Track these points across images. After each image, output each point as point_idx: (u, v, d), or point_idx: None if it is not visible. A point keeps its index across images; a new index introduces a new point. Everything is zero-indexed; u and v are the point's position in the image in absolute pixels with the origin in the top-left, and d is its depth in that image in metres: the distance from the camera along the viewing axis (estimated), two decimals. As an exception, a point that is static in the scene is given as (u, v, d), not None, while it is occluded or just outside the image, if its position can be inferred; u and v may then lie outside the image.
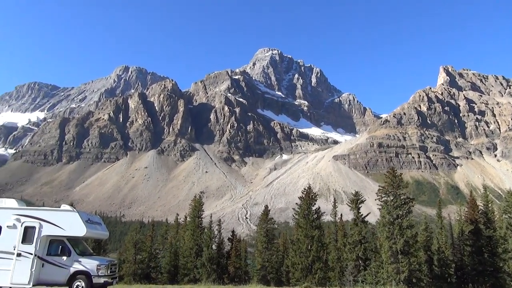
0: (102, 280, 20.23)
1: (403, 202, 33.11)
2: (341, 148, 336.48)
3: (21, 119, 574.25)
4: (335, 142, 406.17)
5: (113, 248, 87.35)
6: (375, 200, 35.33)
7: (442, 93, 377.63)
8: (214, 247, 47.09)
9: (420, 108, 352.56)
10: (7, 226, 20.69)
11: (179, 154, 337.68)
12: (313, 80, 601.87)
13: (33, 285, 19.93)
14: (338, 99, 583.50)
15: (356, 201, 39.25)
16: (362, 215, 38.43)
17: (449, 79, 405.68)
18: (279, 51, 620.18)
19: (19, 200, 23.57)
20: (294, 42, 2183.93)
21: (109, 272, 20.94)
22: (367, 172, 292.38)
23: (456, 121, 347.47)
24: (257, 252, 48.49)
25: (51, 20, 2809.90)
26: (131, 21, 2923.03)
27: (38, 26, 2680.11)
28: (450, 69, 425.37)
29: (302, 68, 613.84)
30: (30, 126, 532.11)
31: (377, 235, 38.78)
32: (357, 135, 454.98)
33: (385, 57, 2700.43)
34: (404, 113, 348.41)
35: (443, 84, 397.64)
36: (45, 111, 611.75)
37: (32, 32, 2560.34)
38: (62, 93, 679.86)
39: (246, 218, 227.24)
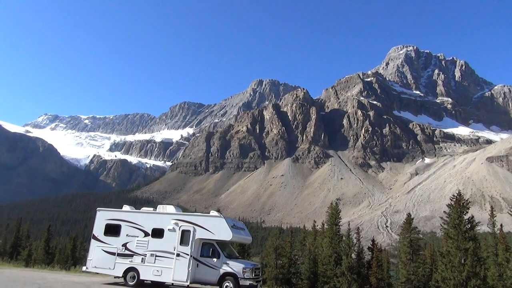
0: (247, 283, 21.22)
1: None
2: (496, 148, 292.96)
3: (175, 135, 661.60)
4: (489, 142, 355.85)
5: (256, 252, 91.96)
6: (547, 208, 29.70)
7: None
8: (353, 255, 45.83)
9: None
10: (168, 229, 23.35)
11: (313, 161, 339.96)
12: (457, 74, 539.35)
13: (190, 283, 21.91)
14: (489, 92, 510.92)
15: (521, 209, 33.57)
16: (529, 226, 32.72)
17: None
18: (415, 47, 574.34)
19: (176, 206, 26.75)
20: (431, 36, 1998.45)
21: (253, 275, 21.94)
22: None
23: None
24: (401, 264, 45.31)
25: (191, 50, 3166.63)
26: (261, 39, 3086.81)
27: (181, 54, 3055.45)
28: None
29: (443, 62, 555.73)
30: (182, 141, 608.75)
31: (552, 251, 32.48)
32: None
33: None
34: None
35: None
36: (194, 127, 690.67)
37: (179, 60, 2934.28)
38: (207, 110, 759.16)
39: (387, 226, 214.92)
